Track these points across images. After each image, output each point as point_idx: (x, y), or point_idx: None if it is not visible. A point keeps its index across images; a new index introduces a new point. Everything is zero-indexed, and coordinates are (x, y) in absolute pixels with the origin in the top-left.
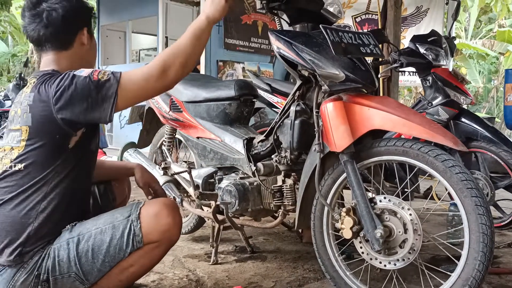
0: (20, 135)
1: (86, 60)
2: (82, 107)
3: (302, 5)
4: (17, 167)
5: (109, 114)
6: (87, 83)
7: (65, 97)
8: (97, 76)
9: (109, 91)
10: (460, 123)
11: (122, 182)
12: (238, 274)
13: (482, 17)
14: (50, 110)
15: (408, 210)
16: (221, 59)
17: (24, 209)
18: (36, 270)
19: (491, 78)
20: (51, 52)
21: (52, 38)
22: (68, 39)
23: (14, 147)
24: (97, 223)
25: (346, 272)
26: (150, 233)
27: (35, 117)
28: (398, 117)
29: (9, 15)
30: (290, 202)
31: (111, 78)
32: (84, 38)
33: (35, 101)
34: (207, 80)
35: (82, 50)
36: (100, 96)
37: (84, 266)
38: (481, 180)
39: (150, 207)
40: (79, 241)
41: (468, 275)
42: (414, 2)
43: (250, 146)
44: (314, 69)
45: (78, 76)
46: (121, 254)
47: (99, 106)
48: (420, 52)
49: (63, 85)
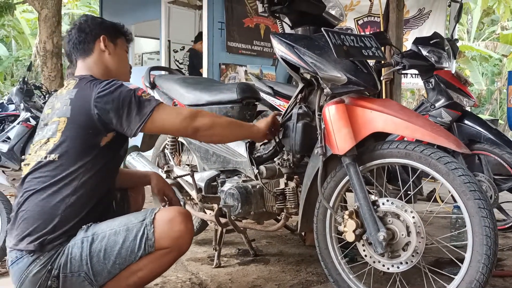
0: (57, 126)
1: (109, 65)
2: (118, 114)
3: (304, 9)
4: (51, 157)
5: (136, 129)
6: (131, 95)
7: (107, 97)
8: (140, 93)
9: (145, 109)
10: (463, 125)
11: (137, 192)
12: (241, 277)
13: (484, 19)
14: (89, 104)
15: (411, 213)
16: (224, 62)
17: (54, 200)
18: (49, 264)
19: (494, 80)
20: (79, 60)
21: (74, 49)
22: (88, 46)
23: (50, 138)
24: (112, 225)
25: (349, 275)
26: (162, 239)
27: (75, 109)
28: (401, 120)
29: (12, 20)
30: (292, 205)
31: (152, 100)
32: (101, 44)
33: (77, 96)
34: (210, 83)
35: (104, 56)
36: (135, 111)
37: (95, 266)
38: (485, 183)
39: (165, 213)
40: (93, 241)
41: (472, 278)
42: (416, 4)
43: (252, 149)
44: (316, 72)
45: (125, 86)
46: (132, 257)
47: (130, 118)
48: (423, 54)
49: (109, 88)
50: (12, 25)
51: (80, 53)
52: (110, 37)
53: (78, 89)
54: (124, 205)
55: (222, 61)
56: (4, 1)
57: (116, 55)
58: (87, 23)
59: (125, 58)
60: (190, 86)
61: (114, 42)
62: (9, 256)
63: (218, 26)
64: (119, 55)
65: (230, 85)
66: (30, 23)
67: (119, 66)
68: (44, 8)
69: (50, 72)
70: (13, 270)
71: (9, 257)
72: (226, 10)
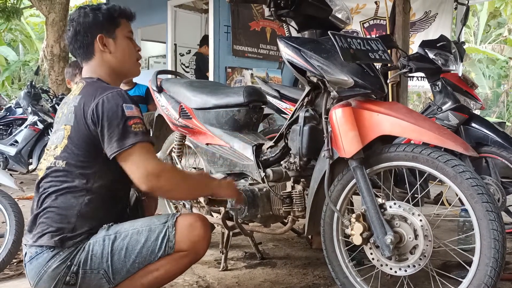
0: (64, 133)
1: (112, 65)
2: (102, 132)
3: (310, 12)
4: (59, 164)
5: (111, 154)
6: (122, 120)
7: (101, 114)
8: (131, 123)
9: (127, 140)
10: (470, 128)
11: (151, 199)
12: (248, 281)
13: (491, 22)
14: (87, 114)
15: (419, 216)
16: (230, 66)
17: (69, 202)
18: (69, 260)
19: (500, 82)
20: (83, 63)
21: (76, 52)
22: (88, 50)
23: (58, 145)
24: (135, 225)
25: (357, 279)
26: (182, 241)
27: (77, 117)
28: (408, 123)
29: (20, 24)
30: (299, 208)
31: (138, 135)
32: (100, 45)
33: (80, 104)
34: (216, 87)
35: (106, 56)
36: (118, 137)
37: (115, 264)
38: (492, 186)
39: (186, 217)
40: (115, 239)
41: (480, 282)
42: (422, 7)
43: (259, 152)
44: (323, 75)
45: (123, 109)
46: (152, 257)
47: (111, 142)
48: (429, 57)
49: (105, 104)
50: (20, 29)
51: (82, 58)
52: (107, 32)
53: (81, 96)
54: (138, 211)
55: (228, 64)
56: (11, 6)
57: (118, 51)
58: (80, 23)
59: (129, 49)
60: (197, 89)
61: (113, 36)
62: (28, 252)
63: (224, 29)
64: (122, 49)
65: (236, 89)
66: (37, 27)
67: (123, 61)
68: (51, 12)
69: (57, 76)
70: (31, 265)
71: (28, 253)
72: (232, 13)
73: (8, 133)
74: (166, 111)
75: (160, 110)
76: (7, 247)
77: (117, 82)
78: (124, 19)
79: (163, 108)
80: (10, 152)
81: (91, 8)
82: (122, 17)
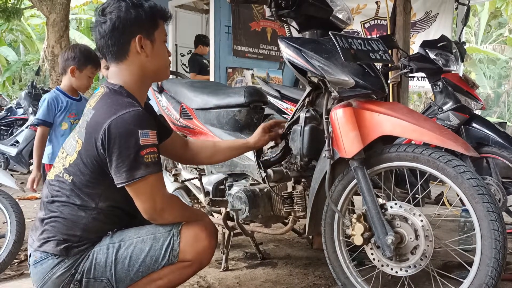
0: (76, 145)
1: (145, 68)
2: (111, 157)
3: (311, 12)
4: (65, 178)
5: (119, 183)
6: (133, 150)
7: (113, 138)
8: (144, 153)
9: (137, 173)
10: (471, 128)
11: None
12: (248, 281)
13: (492, 22)
14: (98, 135)
15: (419, 216)
16: (230, 66)
17: (75, 215)
18: (73, 268)
19: (501, 82)
20: (112, 64)
21: (107, 50)
22: (122, 50)
23: (69, 154)
24: (140, 232)
25: (357, 279)
26: (186, 251)
27: (87, 135)
28: (409, 123)
29: (20, 24)
30: (300, 209)
31: (150, 167)
32: (138, 46)
33: (92, 120)
34: (217, 87)
35: (140, 59)
36: (127, 167)
37: (118, 273)
38: (493, 186)
39: (192, 226)
40: (119, 247)
41: (481, 282)
42: (423, 7)
43: (260, 152)
44: (324, 76)
45: (136, 136)
46: (155, 266)
47: (120, 171)
48: (430, 57)
49: (118, 128)
50: (20, 29)
51: (113, 58)
52: (147, 33)
53: (95, 112)
54: None
55: (229, 64)
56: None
57: (154, 55)
58: (120, 18)
59: (164, 53)
60: (198, 89)
61: (152, 38)
62: (32, 255)
63: (224, 30)
64: (157, 53)
65: (237, 89)
66: (38, 27)
67: (158, 67)
68: (52, 12)
69: (59, 76)
70: (35, 269)
71: (32, 256)
72: (233, 14)
73: (9, 134)
74: (167, 112)
75: (160, 110)
76: (8, 247)
77: (142, 89)
78: (162, 21)
79: (163, 108)
80: (11, 152)
81: (133, 3)
82: (161, 19)
